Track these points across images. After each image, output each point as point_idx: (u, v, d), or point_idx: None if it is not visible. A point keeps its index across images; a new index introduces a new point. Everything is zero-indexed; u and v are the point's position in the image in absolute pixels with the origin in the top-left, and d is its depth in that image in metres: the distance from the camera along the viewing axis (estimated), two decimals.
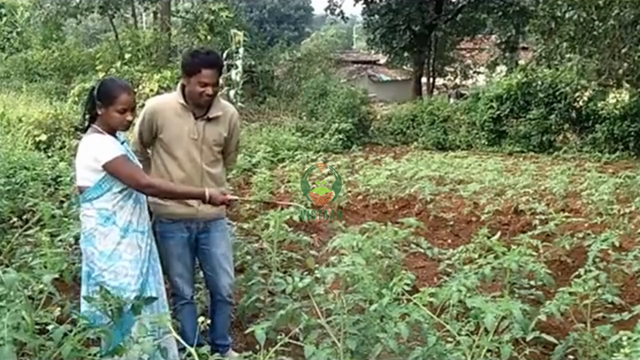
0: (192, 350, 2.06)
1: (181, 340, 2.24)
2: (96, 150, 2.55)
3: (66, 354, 2.26)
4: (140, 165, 2.75)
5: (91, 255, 2.58)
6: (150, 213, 2.89)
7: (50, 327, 2.40)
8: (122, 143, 2.72)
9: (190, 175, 2.96)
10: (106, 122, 2.62)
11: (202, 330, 2.69)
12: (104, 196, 2.57)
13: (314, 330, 2.59)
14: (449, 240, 5.94)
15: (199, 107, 2.95)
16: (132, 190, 2.63)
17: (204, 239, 3.09)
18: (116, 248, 2.57)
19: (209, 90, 2.86)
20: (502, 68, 20.68)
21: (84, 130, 2.67)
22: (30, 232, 3.86)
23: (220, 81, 3.05)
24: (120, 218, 2.60)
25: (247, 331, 2.49)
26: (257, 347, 2.18)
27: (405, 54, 21.49)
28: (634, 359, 2.00)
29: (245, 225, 4.92)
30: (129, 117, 2.65)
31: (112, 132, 2.65)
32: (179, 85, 3.00)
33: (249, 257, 4.08)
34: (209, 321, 2.38)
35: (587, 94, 12.23)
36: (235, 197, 3.09)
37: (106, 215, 2.57)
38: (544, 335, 2.79)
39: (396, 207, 6.98)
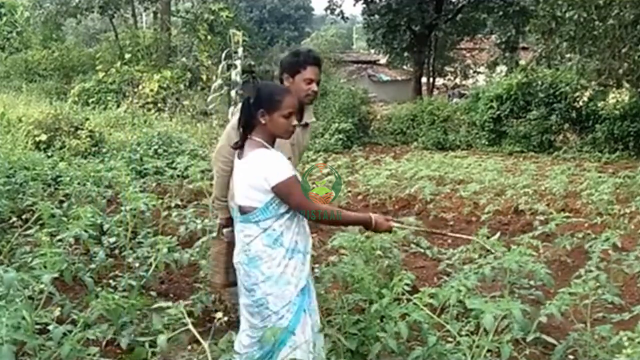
0: (206, 345, 2.04)
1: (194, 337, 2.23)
2: (268, 169, 2.31)
3: (65, 353, 2.26)
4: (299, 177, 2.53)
5: (255, 278, 2.39)
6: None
7: (50, 327, 2.40)
8: None
9: None
10: (269, 131, 2.39)
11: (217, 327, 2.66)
12: (271, 217, 2.37)
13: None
14: (449, 240, 5.94)
15: (299, 110, 2.87)
16: None
17: None
18: (284, 271, 2.37)
19: (314, 86, 2.84)
20: (502, 68, 20.67)
21: (241, 146, 2.43)
22: (30, 232, 3.85)
23: (220, 80, 3.00)
24: (286, 238, 2.38)
25: None
26: None
27: (406, 54, 21.51)
28: (635, 359, 2.00)
29: None
30: (294, 122, 2.44)
31: (273, 141, 2.42)
32: None
33: None
34: (225, 318, 2.36)
35: (587, 94, 12.23)
36: (401, 225, 2.85)
37: (274, 237, 2.37)
38: (543, 336, 2.79)
39: (396, 207, 6.98)
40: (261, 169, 2.32)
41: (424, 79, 20.99)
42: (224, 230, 2.94)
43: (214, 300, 3.55)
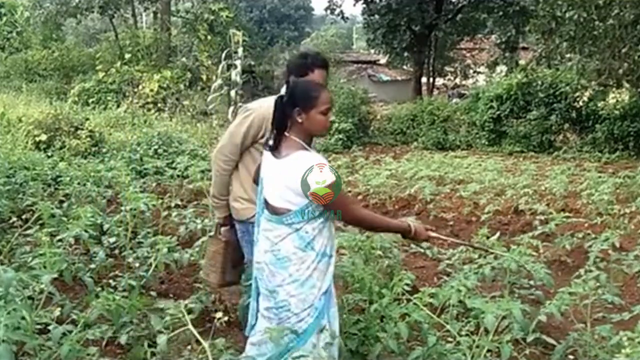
0: (206, 345, 2.05)
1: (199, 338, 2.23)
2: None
3: (64, 354, 2.25)
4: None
5: (281, 280, 2.31)
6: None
7: (50, 327, 2.40)
8: None
9: None
10: (306, 129, 2.30)
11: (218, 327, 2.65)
12: (305, 219, 2.29)
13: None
14: (449, 241, 5.93)
15: None
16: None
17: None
18: (311, 275, 2.29)
19: None
20: (502, 68, 20.68)
21: (275, 147, 2.34)
22: (30, 232, 3.86)
23: (220, 80, 3.00)
24: (317, 242, 2.31)
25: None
26: None
27: (406, 54, 21.51)
28: (635, 359, 2.00)
29: None
30: (332, 118, 2.36)
31: (310, 140, 2.34)
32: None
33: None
34: (225, 318, 2.36)
35: (587, 94, 12.23)
36: (439, 236, 2.75)
37: (307, 240, 2.29)
38: (543, 336, 2.79)
39: (396, 207, 6.98)
40: (301, 173, 2.23)
41: (424, 79, 20.99)
42: (222, 229, 2.93)
43: (213, 300, 3.55)
